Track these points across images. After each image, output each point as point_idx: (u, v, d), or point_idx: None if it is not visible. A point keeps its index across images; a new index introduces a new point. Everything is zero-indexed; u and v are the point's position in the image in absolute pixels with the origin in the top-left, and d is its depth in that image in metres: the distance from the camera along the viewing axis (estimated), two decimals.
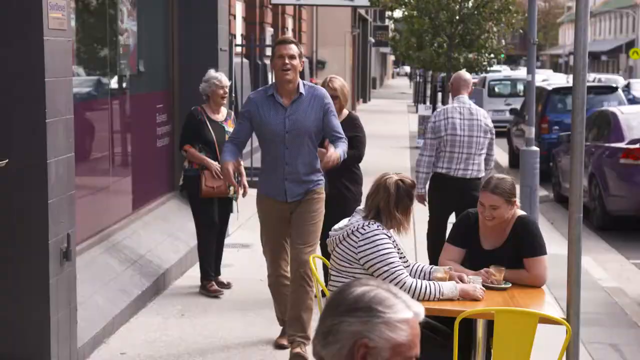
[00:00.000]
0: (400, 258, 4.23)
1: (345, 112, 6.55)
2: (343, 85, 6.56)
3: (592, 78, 34.37)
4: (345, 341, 1.82)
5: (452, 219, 6.66)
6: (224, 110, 6.95)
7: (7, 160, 4.30)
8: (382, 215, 4.23)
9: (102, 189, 7.17)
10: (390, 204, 4.22)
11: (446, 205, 6.89)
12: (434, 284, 4.16)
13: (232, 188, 6.58)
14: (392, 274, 4.10)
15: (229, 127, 6.76)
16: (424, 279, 4.37)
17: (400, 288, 4.01)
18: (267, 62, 15.35)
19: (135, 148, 7.84)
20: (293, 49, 5.22)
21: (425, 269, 4.43)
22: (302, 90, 5.26)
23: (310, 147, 5.28)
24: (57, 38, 4.73)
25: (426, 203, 7.04)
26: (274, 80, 5.43)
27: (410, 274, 4.31)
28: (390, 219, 4.23)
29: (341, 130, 5.36)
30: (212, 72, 6.96)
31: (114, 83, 7.47)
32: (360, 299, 1.84)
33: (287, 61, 5.15)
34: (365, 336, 1.82)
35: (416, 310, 1.88)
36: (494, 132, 6.97)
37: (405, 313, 1.85)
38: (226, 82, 6.92)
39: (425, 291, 4.12)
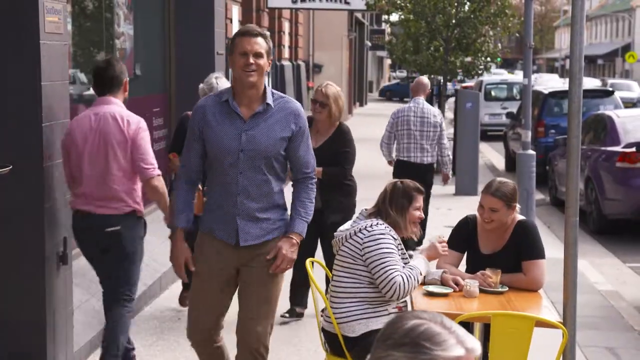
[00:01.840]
0: (403, 259, 4.25)
1: (336, 123, 6.15)
2: (338, 94, 6.13)
3: (609, 83, 34.53)
4: None
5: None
6: None
7: (10, 167, 4.25)
8: (381, 213, 4.28)
9: None
10: (386, 202, 4.28)
11: None
12: (410, 270, 4.21)
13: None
14: (384, 272, 4.12)
15: None
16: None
17: (390, 286, 4.05)
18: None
19: None
20: (260, 43, 3.96)
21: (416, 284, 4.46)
22: (269, 100, 3.98)
23: (270, 176, 4.01)
24: (54, 42, 4.73)
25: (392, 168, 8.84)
26: (230, 82, 4.26)
27: None
28: (385, 217, 4.27)
29: (312, 165, 4.12)
30: (212, 75, 6.29)
31: None
32: (409, 333, 1.76)
33: (251, 60, 3.92)
34: None
35: (470, 347, 1.77)
36: (443, 126, 8.82)
37: (456, 350, 1.74)
38: (225, 86, 6.50)
39: (411, 282, 4.17)
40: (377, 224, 4.23)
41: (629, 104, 25.17)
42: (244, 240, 4.01)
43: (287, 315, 6.35)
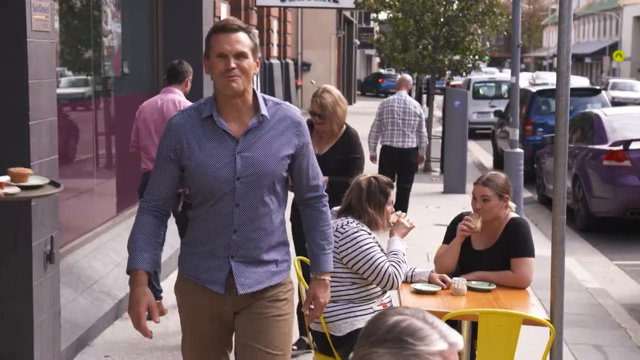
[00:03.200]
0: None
1: (342, 129, 5.50)
2: (336, 101, 5.37)
3: (610, 82, 34.66)
4: None
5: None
6: None
7: (61, 188, 4.03)
8: (354, 212, 4.28)
9: (86, 191, 7.14)
10: (362, 199, 4.28)
11: (391, 166, 9.82)
12: (395, 255, 4.24)
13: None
14: (375, 268, 4.13)
15: None
16: (407, 279, 4.46)
17: (386, 279, 4.07)
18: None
19: (119, 150, 7.81)
20: (242, 40, 3.14)
21: (407, 270, 4.47)
22: (263, 110, 3.20)
23: (273, 205, 3.24)
24: (41, 40, 4.71)
25: (377, 162, 10.02)
26: (211, 92, 3.39)
27: None
28: (362, 214, 4.28)
29: (321, 181, 3.41)
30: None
31: (98, 85, 7.44)
32: (392, 329, 1.78)
33: (232, 64, 3.10)
34: None
35: (452, 341, 1.79)
36: (422, 116, 10.15)
37: (439, 345, 1.76)
38: None
39: (402, 266, 4.21)
40: (348, 222, 4.23)
41: (633, 104, 25.30)
42: (241, 287, 3.21)
43: (295, 347, 5.50)
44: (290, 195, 3.44)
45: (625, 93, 32.23)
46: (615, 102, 27.54)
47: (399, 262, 4.21)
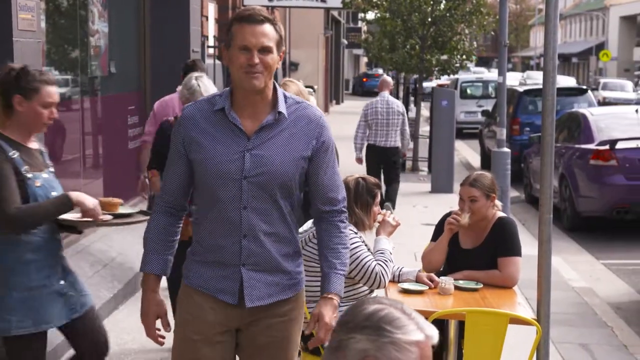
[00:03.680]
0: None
1: None
2: (298, 93, 5.19)
3: (601, 82, 34.82)
4: (352, 357, 1.80)
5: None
6: None
7: (111, 218, 3.98)
8: None
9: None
10: (350, 200, 4.28)
11: (376, 163, 10.65)
12: (382, 254, 4.25)
13: None
14: (362, 267, 4.13)
15: None
16: (394, 278, 4.47)
17: (373, 278, 4.07)
18: None
19: (106, 150, 7.79)
20: (268, 33, 2.92)
21: (394, 269, 4.48)
22: (281, 107, 2.97)
23: (288, 209, 3.02)
24: (27, 39, 4.69)
25: (363, 163, 10.70)
26: (228, 85, 3.21)
27: None
28: (349, 214, 4.27)
29: (342, 195, 3.12)
30: (192, 75, 5.32)
31: (84, 84, 7.42)
32: (370, 317, 1.81)
33: (255, 59, 2.88)
34: (373, 355, 1.78)
35: (429, 333, 1.83)
36: (405, 113, 10.80)
37: (416, 335, 1.81)
38: (202, 95, 4.96)
39: (389, 265, 4.22)
40: None
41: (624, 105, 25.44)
42: (250, 300, 2.97)
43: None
44: None
45: (616, 93, 32.28)
46: (606, 103, 27.65)
47: (386, 261, 4.22)
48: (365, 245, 4.27)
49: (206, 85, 5.18)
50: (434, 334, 1.85)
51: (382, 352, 1.79)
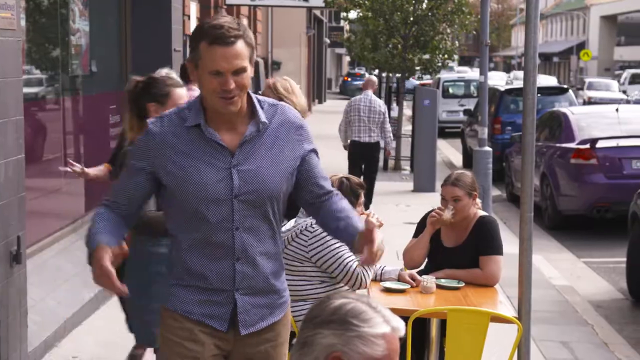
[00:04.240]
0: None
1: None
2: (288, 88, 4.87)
3: (586, 82, 34.95)
4: (319, 353, 1.80)
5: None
6: None
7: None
8: None
9: (53, 190, 7.08)
10: None
11: (358, 158, 11.02)
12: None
13: None
14: (344, 267, 4.13)
15: None
16: (376, 277, 4.48)
17: (354, 278, 4.08)
18: None
19: (87, 149, 7.75)
20: (241, 53, 2.64)
21: (376, 269, 4.48)
22: (261, 116, 2.75)
23: (275, 224, 2.82)
24: (7, 38, 4.66)
25: (347, 151, 11.09)
26: (195, 98, 2.81)
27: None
28: None
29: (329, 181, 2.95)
30: (163, 72, 4.80)
31: (65, 83, 7.38)
32: (336, 311, 1.81)
33: (230, 84, 2.63)
34: (339, 350, 1.78)
35: (395, 325, 1.84)
36: (386, 113, 11.18)
37: (382, 328, 1.81)
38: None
39: (370, 270, 4.21)
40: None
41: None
42: (244, 326, 2.79)
43: None
44: None
45: (601, 93, 32.39)
46: (592, 102, 27.76)
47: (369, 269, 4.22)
48: None
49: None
50: (400, 326, 1.85)
51: (349, 346, 1.78)
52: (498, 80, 28.37)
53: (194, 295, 2.76)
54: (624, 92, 33.84)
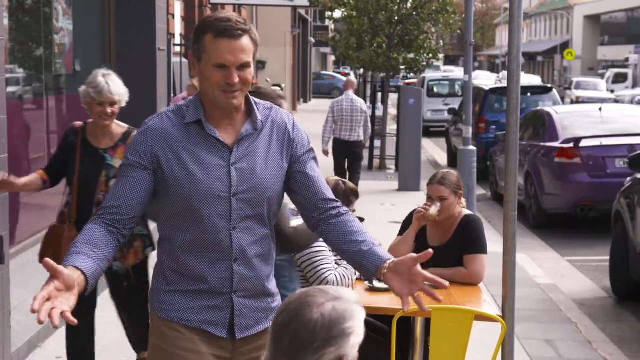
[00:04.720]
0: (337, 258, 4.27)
1: None
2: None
3: (574, 81, 35.00)
4: None
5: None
6: (114, 131, 4.69)
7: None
8: None
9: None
10: None
11: (342, 156, 11.66)
12: (345, 269, 4.25)
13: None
14: (317, 272, 4.15)
15: (116, 159, 4.53)
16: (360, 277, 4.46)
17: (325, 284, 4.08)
18: None
19: None
20: (246, 48, 2.63)
21: None
22: (259, 115, 2.76)
23: (270, 224, 2.80)
24: None
25: (330, 155, 11.57)
26: (194, 95, 2.80)
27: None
28: None
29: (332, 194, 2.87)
30: (99, 73, 4.75)
31: (49, 82, 7.35)
32: (332, 326, 1.88)
33: (234, 78, 2.61)
34: (343, 355, 1.89)
35: (352, 298, 1.96)
36: (367, 112, 11.97)
37: (359, 313, 1.93)
38: (111, 95, 4.57)
39: (345, 282, 4.22)
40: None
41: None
42: (240, 330, 2.73)
43: None
44: None
45: (589, 92, 32.51)
46: (580, 102, 27.86)
47: (345, 276, 4.21)
48: (331, 251, 4.27)
49: (116, 84, 4.57)
50: (353, 294, 1.99)
51: (348, 346, 1.89)
52: (487, 80, 28.38)
53: (192, 301, 2.69)
54: (612, 91, 34.00)
